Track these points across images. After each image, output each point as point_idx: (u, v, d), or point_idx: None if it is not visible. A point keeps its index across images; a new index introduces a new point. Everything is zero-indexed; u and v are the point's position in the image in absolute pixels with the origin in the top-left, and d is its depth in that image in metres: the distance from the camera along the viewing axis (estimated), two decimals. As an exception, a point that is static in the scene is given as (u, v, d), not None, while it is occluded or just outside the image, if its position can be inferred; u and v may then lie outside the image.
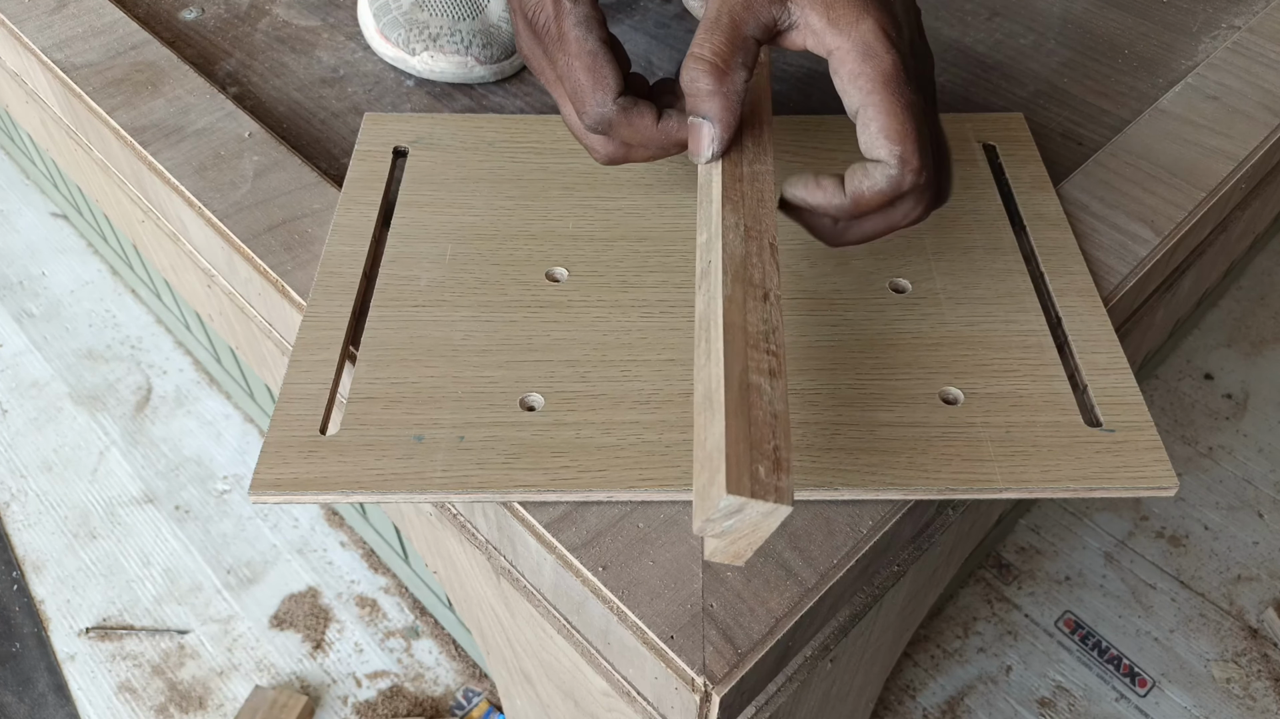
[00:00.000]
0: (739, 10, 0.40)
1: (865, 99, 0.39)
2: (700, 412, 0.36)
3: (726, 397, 0.35)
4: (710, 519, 0.33)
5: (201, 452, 1.18)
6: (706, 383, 0.36)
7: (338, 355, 0.47)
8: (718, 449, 0.34)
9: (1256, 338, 1.28)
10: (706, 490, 0.34)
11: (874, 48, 0.39)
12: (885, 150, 0.39)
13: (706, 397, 0.36)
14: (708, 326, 0.38)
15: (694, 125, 0.42)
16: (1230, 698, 0.98)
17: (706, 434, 0.35)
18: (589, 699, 0.49)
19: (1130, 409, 0.45)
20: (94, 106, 0.61)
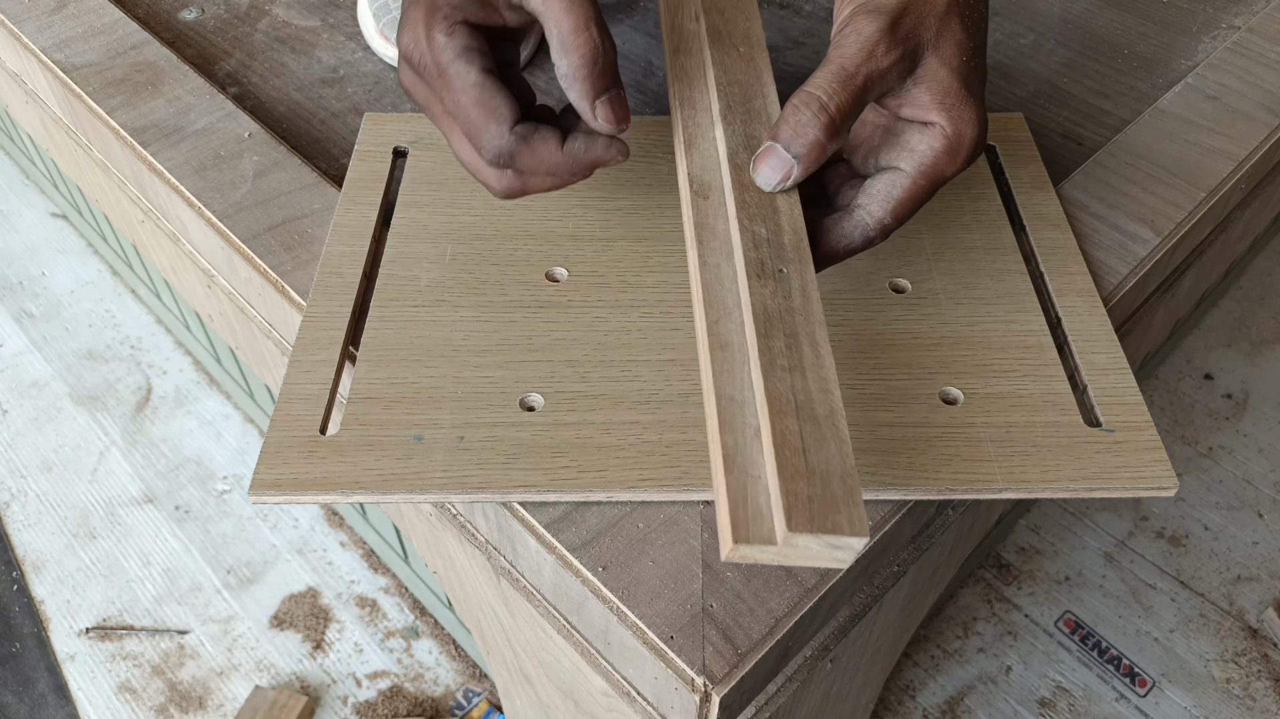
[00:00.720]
0: (874, 77, 0.41)
1: (908, 174, 0.42)
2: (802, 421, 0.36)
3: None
4: (808, 540, 0.33)
5: (201, 452, 1.18)
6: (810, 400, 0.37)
7: (338, 355, 0.47)
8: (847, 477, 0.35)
9: (1256, 338, 1.28)
10: (822, 515, 0.34)
11: (956, 149, 0.42)
12: (880, 215, 0.42)
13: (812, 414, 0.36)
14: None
15: (777, 152, 0.42)
16: (1230, 698, 0.98)
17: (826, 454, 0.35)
18: (589, 699, 0.49)
19: (1130, 409, 0.45)
20: (94, 107, 0.61)
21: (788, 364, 0.38)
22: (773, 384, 0.37)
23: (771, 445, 0.35)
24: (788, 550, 0.34)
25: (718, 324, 0.40)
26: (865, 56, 0.41)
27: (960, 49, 0.42)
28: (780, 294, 0.40)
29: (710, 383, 0.38)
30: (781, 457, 0.35)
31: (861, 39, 0.41)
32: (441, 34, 0.41)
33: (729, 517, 0.35)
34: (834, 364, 0.38)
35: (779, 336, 0.38)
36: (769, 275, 0.40)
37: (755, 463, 0.36)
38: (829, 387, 0.37)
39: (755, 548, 0.34)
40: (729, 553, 0.34)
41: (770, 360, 0.37)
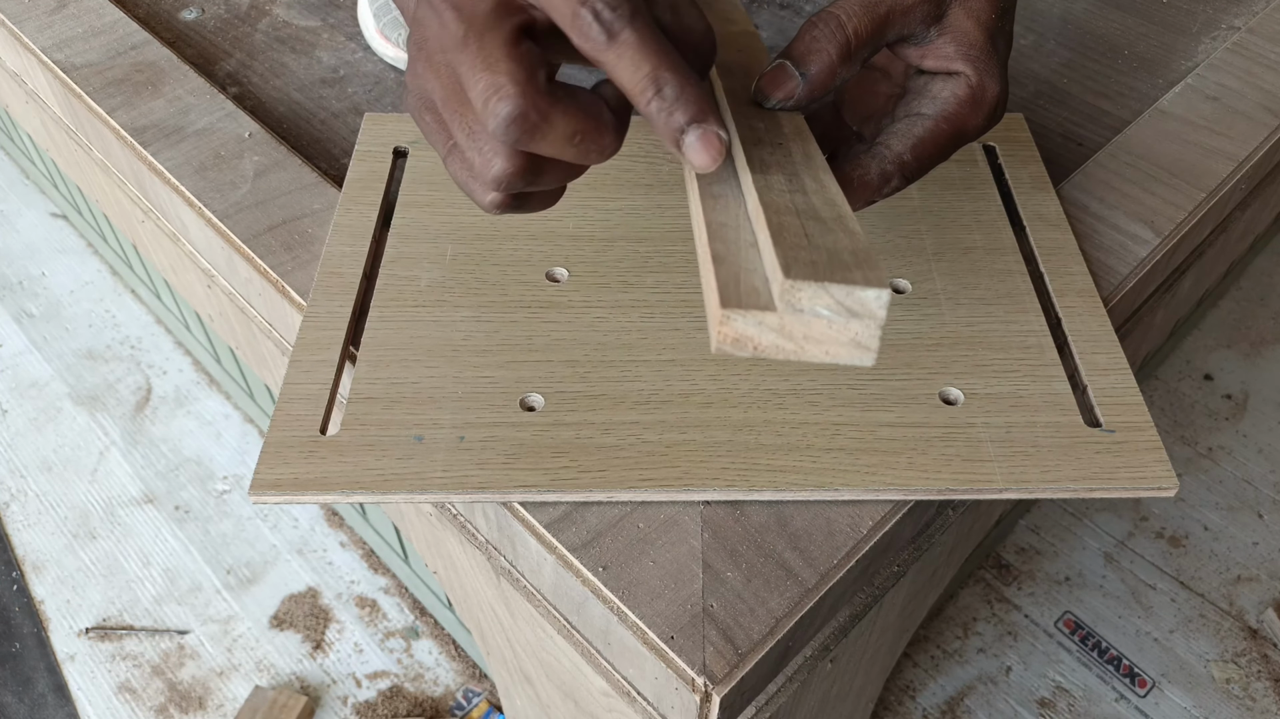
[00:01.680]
0: (898, 11, 0.40)
1: (930, 118, 0.42)
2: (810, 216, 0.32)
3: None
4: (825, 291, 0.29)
5: (201, 452, 1.18)
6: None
7: (338, 355, 0.47)
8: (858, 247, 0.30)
9: (1256, 338, 1.28)
10: (845, 266, 0.29)
11: (979, 101, 0.41)
12: (899, 150, 0.41)
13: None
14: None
15: (785, 68, 0.39)
16: (1230, 698, 0.98)
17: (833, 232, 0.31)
18: (589, 699, 0.49)
19: (1130, 409, 0.45)
20: (94, 107, 0.61)
21: (788, 189, 0.34)
22: (768, 197, 0.33)
23: (768, 232, 0.31)
24: (791, 322, 0.29)
25: (711, 185, 0.36)
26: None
27: (991, 4, 0.42)
28: (779, 154, 0.36)
29: (701, 216, 0.34)
30: (779, 238, 0.30)
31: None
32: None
33: (717, 291, 0.30)
34: (840, 191, 0.34)
35: (777, 174, 0.35)
36: (766, 144, 0.37)
37: (750, 259, 0.31)
38: (835, 200, 0.34)
39: (750, 319, 0.29)
40: (721, 332, 0.29)
41: (766, 185, 0.34)
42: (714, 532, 0.42)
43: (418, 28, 0.35)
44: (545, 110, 0.33)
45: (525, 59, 0.33)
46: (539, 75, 0.33)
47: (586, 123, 0.34)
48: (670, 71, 0.32)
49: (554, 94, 0.33)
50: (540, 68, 0.33)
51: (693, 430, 0.44)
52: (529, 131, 0.33)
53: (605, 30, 0.32)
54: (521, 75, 0.32)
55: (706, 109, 0.33)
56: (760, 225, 0.32)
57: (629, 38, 0.32)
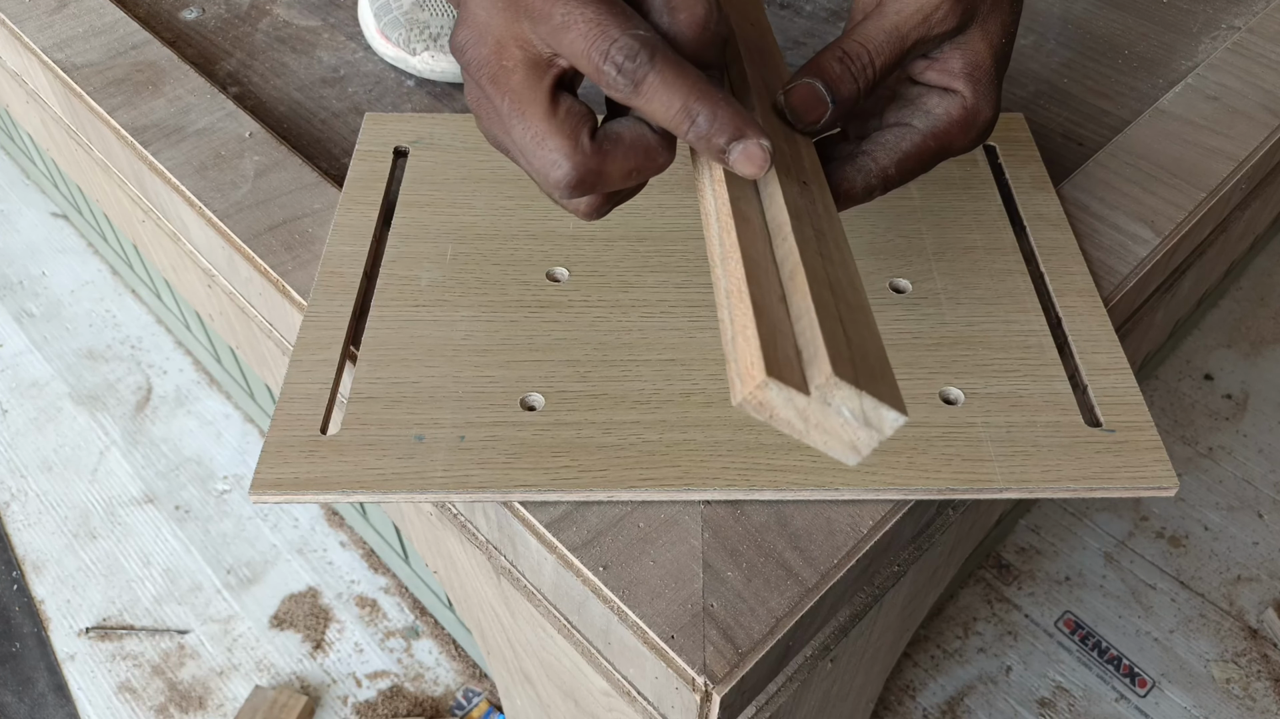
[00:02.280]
0: (923, 42, 0.41)
1: (918, 132, 0.42)
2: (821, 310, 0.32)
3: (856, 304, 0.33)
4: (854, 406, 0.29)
5: (201, 452, 1.18)
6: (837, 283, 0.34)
7: (338, 355, 0.47)
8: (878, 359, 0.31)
9: (1256, 338, 1.28)
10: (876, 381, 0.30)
11: (970, 123, 0.42)
12: (884, 163, 0.41)
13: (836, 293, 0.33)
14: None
15: (815, 90, 0.40)
16: (1230, 698, 0.98)
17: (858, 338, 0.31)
18: (589, 699, 0.49)
19: (1130, 409, 0.45)
20: (94, 106, 0.61)
21: (818, 249, 0.34)
22: (809, 257, 0.33)
23: (813, 302, 0.31)
24: (815, 410, 0.29)
25: (738, 202, 0.35)
26: (921, 20, 0.40)
27: (1004, 29, 0.42)
28: (805, 198, 0.37)
29: (734, 245, 0.33)
30: (823, 313, 0.31)
31: (921, 2, 0.40)
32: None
33: (760, 352, 0.29)
34: (859, 275, 0.35)
35: (808, 227, 0.35)
36: (793, 179, 0.37)
37: (784, 320, 0.32)
38: (856, 283, 0.34)
39: (782, 394, 0.29)
40: (748, 394, 0.29)
41: (803, 239, 0.34)
42: (714, 531, 0.42)
43: (466, 85, 0.38)
44: (596, 169, 0.35)
45: (566, 125, 0.35)
46: (583, 138, 0.35)
47: (637, 160, 0.36)
48: (699, 101, 0.34)
49: (600, 149, 0.35)
50: (583, 127, 0.36)
51: (693, 430, 0.44)
52: (588, 189, 0.36)
53: (629, 80, 0.33)
54: (567, 146, 0.35)
55: (742, 125, 0.34)
56: (802, 293, 0.32)
57: (653, 80, 0.33)
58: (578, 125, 0.35)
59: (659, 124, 0.35)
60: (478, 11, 0.36)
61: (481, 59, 0.36)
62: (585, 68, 0.34)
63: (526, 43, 0.35)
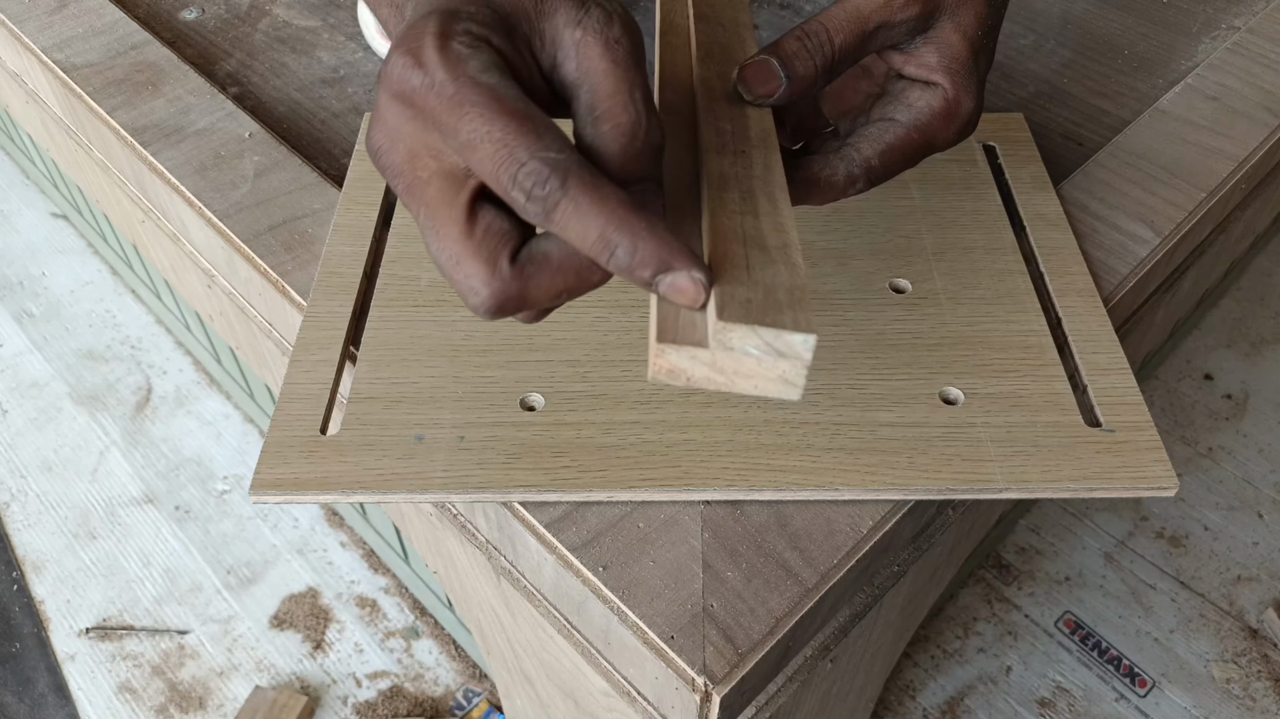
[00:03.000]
0: (886, 26, 0.41)
1: (902, 125, 0.42)
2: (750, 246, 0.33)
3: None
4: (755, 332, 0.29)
5: (201, 452, 1.18)
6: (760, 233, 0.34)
7: (338, 355, 0.47)
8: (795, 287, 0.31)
9: (1256, 338, 1.28)
10: (777, 308, 0.30)
11: (952, 114, 0.42)
12: (868, 154, 0.42)
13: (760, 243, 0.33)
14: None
15: (769, 65, 0.40)
16: (1230, 698, 0.98)
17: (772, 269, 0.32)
18: (589, 699, 0.49)
19: (1130, 409, 0.45)
20: (94, 107, 0.61)
21: (739, 210, 0.34)
22: (718, 221, 0.34)
23: (709, 258, 0.32)
24: (723, 358, 0.29)
25: (672, 192, 0.36)
26: (883, 4, 0.41)
27: (979, 21, 0.42)
28: (740, 165, 0.37)
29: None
30: (719, 271, 0.31)
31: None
32: (464, 45, 0.31)
33: (656, 322, 0.30)
34: (792, 215, 0.35)
35: (733, 191, 0.35)
36: (728, 152, 0.38)
37: None
38: (784, 227, 0.34)
39: (684, 354, 0.29)
40: (656, 364, 0.30)
41: (720, 206, 0.34)
42: (714, 531, 0.42)
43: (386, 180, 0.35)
44: (518, 294, 0.33)
45: (484, 247, 0.32)
46: (502, 262, 0.32)
47: (566, 282, 0.33)
48: (618, 230, 0.30)
49: (523, 273, 0.32)
50: (503, 249, 0.32)
51: (693, 430, 0.44)
52: (510, 313, 0.33)
53: (540, 207, 0.30)
54: (484, 271, 0.32)
55: (668, 256, 0.30)
56: (705, 252, 0.33)
57: (565, 208, 0.30)
58: (497, 247, 0.32)
59: (581, 250, 0.31)
60: (387, 115, 0.33)
61: (395, 167, 0.33)
62: (495, 189, 0.31)
63: (440, 153, 0.32)
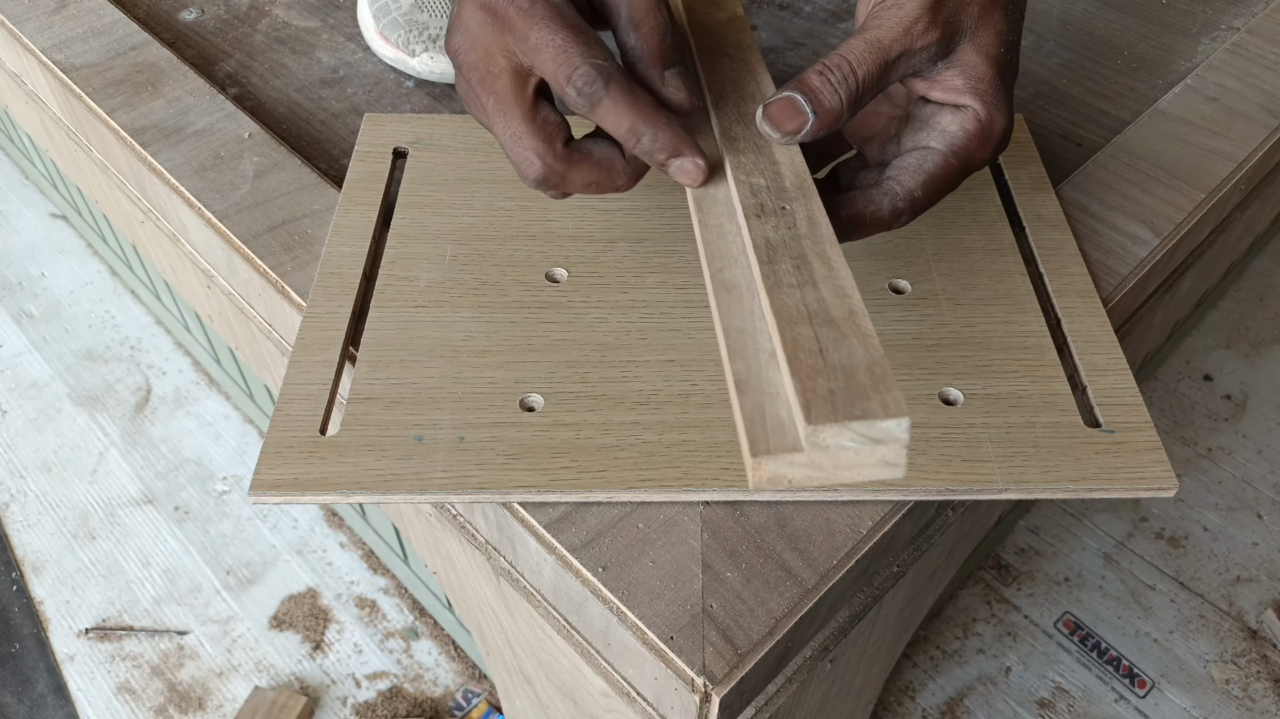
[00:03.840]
0: (908, 55, 0.41)
1: (939, 153, 0.42)
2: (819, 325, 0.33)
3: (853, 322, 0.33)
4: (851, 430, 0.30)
5: (201, 452, 1.18)
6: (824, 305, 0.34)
7: (338, 356, 0.47)
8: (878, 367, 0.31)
9: (1256, 339, 1.28)
10: (865, 399, 0.30)
11: (987, 134, 0.42)
12: (910, 186, 0.42)
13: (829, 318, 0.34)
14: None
15: (794, 103, 0.40)
16: (1229, 699, 0.98)
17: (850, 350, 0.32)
18: (589, 700, 0.49)
19: (1130, 410, 0.45)
20: (94, 107, 0.61)
21: (796, 281, 0.35)
22: (779, 300, 0.34)
23: (783, 353, 0.32)
24: (819, 458, 0.30)
25: (722, 272, 0.38)
26: (902, 32, 0.40)
27: (999, 39, 0.42)
28: (784, 226, 0.38)
29: (718, 322, 0.36)
30: (796, 361, 0.32)
31: (901, 14, 0.41)
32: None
33: (746, 434, 0.31)
34: (851, 274, 0.35)
35: (784, 260, 0.36)
36: (770, 213, 0.38)
37: (772, 382, 0.33)
38: (846, 292, 0.35)
39: (781, 461, 0.30)
40: (755, 475, 0.30)
41: (776, 281, 0.35)
42: (714, 532, 0.42)
43: (457, 81, 0.42)
44: (563, 172, 0.41)
45: (544, 130, 0.41)
46: (557, 143, 0.41)
47: (599, 175, 0.42)
48: (645, 122, 0.39)
49: (569, 157, 0.41)
50: (558, 135, 0.41)
51: (692, 431, 0.44)
52: (553, 187, 0.42)
53: (587, 101, 0.39)
54: (541, 148, 0.41)
55: (679, 144, 0.40)
56: (775, 335, 0.33)
57: (606, 104, 0.39)
58: (554, 133, 0.41)
59: (614, 135, 0.40)
60: (469, 21, 0.41)
61: (472, 63, 0.41)
62: (553, 86, 0.40)
63: (511, 54, 0.40)
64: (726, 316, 0.36)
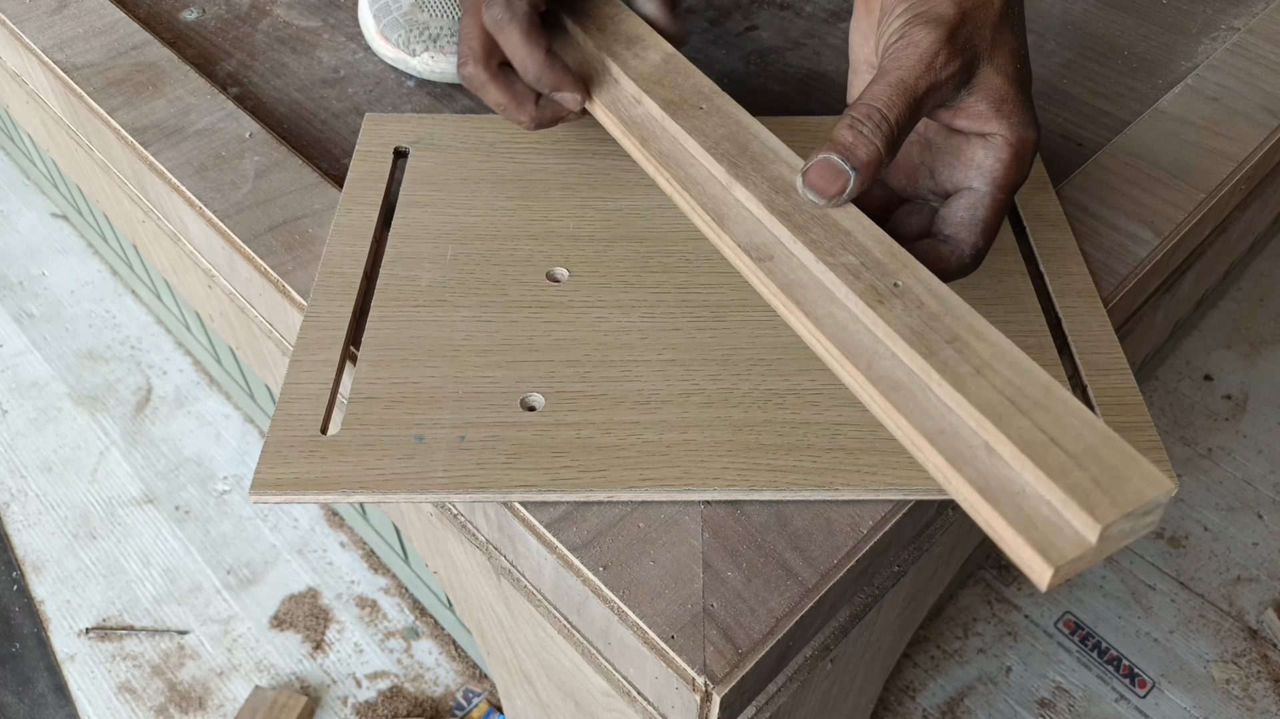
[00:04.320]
0: (934, 89, 0.40)
1: (986, 193, 0.42)
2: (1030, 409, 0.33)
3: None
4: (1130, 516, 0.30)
5: (201, 452, 1.18)
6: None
7: (338, 355, 0.47)
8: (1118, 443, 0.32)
9: (1256, 339, 1.28)
10: (1132, 485, 0.31)
11: (1022, 156, 0.42)
12: (971, 239, 0.42)
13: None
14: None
15: (832, 164, 0.40)
16: (1230, 699, 0.98)
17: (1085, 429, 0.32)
18: (589, 699, 0.49)
19: (1130, 409, 0.45)
20: (95, 107, 0.61)
21: (972, 367, 0.35)
22: (974, 394, 0.34)
23: (1019, 452, 0.32)
24: (1104, 545, 0.31)
25: (871, 368, 0.37)
26: (924, 69, 0.40)
27: (1013, 56, 0.42)
28: (912, 307, 0.37)
29: (906, 429, 0.35)
30: (1038, 459, 0.32)
31: (920, 50, 0.40)
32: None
33: (1030, 548, 0.31)
34: (1012, 344, 0.36)
35: (943, 348, 0.36)
36: (887, 294, 0.38)
37: (1010, 480, 0.33)
38: (1025, 367, 0.35)
39: (1073, 559, 0.31)
40: (1051, 582, 0.31)
41: (953, 373, 0.35)
42: (714, 531, 0.42)
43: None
44: (484, 81, 0.49)
45: (488, 42, 0.48)
46: (493, 59, 0.48)
47: (509, 99, 0.49)
48: (530, 59, 0.47)
49: (495, 72, 0.48)
50: (497, 53, 0.48)
51: (693, 430, 0.44)
52: (473, 88, 0.49)
53: (495, 27, 0.47)
54: (480, 53, 0.48)
55: (559, 81, 0.48)
56: (994, 435, 0.33)
57: (505, 35, 0.47)
58: (495, 50, 0.48)
59: (513, 63, 0.48)
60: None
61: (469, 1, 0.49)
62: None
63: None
64: (914, 419, 0.35)
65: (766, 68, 0.67)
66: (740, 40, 0.69)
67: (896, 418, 0.36)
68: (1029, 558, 0.31)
